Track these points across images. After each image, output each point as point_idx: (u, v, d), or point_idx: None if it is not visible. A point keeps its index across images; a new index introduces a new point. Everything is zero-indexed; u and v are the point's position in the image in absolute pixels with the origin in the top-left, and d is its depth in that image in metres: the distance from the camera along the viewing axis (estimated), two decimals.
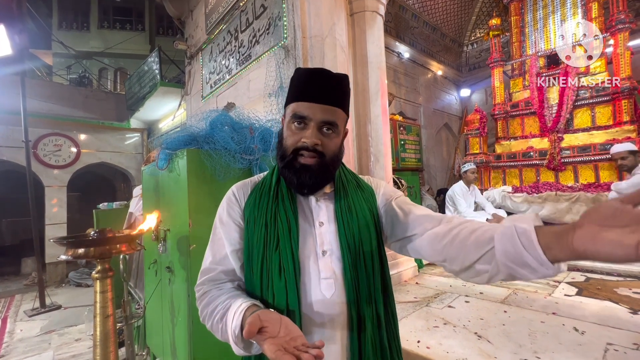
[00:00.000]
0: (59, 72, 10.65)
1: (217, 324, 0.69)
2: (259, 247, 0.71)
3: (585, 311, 2.08)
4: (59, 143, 6.55)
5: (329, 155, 0.71)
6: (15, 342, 3.45)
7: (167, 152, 1.78)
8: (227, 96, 3.93)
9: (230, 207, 0.77)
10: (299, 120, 0.70)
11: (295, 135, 0.70)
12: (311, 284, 0.70)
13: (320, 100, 0.69)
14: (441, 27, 7.76)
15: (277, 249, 0.69)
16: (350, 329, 0.69)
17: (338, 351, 0.69)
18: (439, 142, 7.71)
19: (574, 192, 4.13)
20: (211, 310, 0.71)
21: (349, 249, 0.71)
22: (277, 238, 0.70)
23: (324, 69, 0.73)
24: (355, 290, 0.70)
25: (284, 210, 0.72)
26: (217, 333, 0.70)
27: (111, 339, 1.43)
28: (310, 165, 0.69)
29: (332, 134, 0.71)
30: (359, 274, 0.71)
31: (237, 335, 0.63)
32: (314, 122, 0.69)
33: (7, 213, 8.34)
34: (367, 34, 2.89)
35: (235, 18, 3.78)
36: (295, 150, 0.70)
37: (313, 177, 0.70)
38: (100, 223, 3.45)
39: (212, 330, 0.72)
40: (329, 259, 0.71)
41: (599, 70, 4.62)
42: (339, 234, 0.72)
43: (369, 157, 2.76)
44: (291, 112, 0.71)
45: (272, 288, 0.69)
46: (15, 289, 5.82)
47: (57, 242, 1.36)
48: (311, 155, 0.69)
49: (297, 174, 0.70)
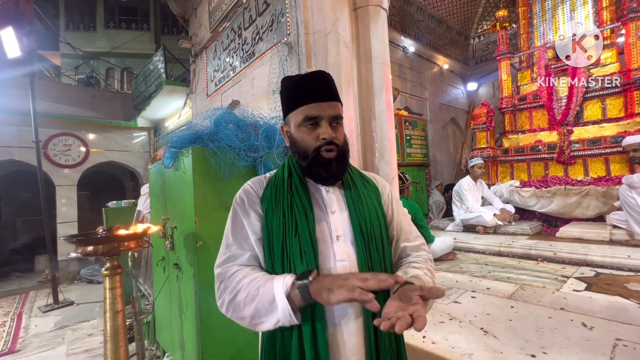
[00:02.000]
0: (67, 72, 10.79)
1: (256, 289, 0.69)
2: (279, 234, 0.75)
3: (594, 306, 2.05)
4: (69, 143, 6.65)
5: (342, 145, 0.80)
6: (30, 337, 3.55)
7: (172, 150, 1.80)
8: (232, 94, 3.94)
9: (250, 199, 0.82)
10: (311, 121, 0.78)
11: (311, 134, 0.78)
12: (328, 267, 0.75)
13: (324, 99, 0.78)
14: (447, 20, 7.64)
15: (297, 234, 0.74)
16: (365, 309, 0.73)
17: (354, 330, 0.74)
18: (445, 136, 7.63)
19: (583, 186, 4.06)
20: (249, 280, 0.71)
21: (361, 233, 0.78)
22: (295, 224, 0.75)
23: (315, 71, 0.82)
24: (369, 269, 0.76)
25: (299, 199, 0.78)
26: (250, 303, 0.69)
27: (121, 334, 1.46)
28: (332, 158, 0.77)
29: (339, 127, 0.81)
30: (372, 255, 0.77)
31: (288, 286, 0.66)
32: (325, 119, 0.77)
33: (21, 212, 8.54)
34: (370, 29, 2.86)
35: (239, 15, 3.78)
36: (317, 148, 0.77)
37: (338, 167, 0.79)
38: (109, 221, 3.51)
39: (244, 302, 0.70)
40: (343, 243, 0.77)
41: (610, 61, 4.51)
42: (351, 219, 0.79)
43: (373, 153, 2.74)
44: (302, 116, 0.78)
45: (294, 271, 0.72)
46: (29, 286, 5.98)
47: (66, 240, 1.39)
48: (331, 149, 0.77)
49: (325, 167, 0.78)
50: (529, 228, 4.09)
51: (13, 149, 6.06)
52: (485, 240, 3.90)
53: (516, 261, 3.26)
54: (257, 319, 0.69)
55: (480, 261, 3.33)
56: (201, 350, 1.57)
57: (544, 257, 3.25)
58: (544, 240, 3.70)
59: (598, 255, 3.00)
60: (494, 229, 4.27)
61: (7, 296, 5.40)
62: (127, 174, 8.73)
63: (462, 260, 3.40)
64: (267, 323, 0.68)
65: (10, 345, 3.32)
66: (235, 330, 1.65)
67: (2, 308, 4.75)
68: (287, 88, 0.83)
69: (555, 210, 4.24)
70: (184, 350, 1.75)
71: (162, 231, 1.92)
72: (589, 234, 3.60)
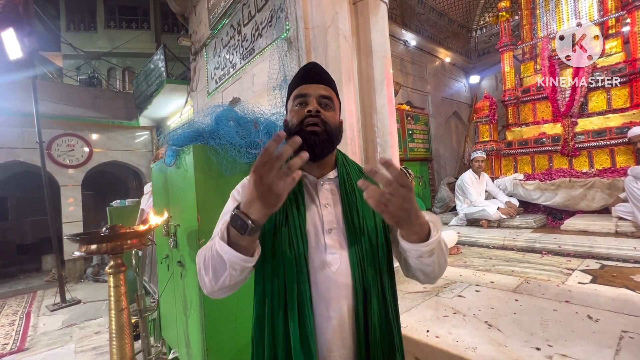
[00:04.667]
0: (69, 73, 10.83)
1: (208, 249, 0.68)
2: (270, 224, 0.75)
3: (599, 299, 2.04)
4: (72, 143, 6.70)
5: (331, 124, 0.79)
6: (39, 335, 3.60)
7: (174, 148, 1.80)
8: (232, 91, 3.93)
9: (244, 190, 0.82)
10: (301, 99, 0.80)
11: (299, 112, 0.79)
12: (319, 258, 0.75)
13: (315, 81, 0.82)
14: (448, 12, 7.55)
15: (287, 225, 0.75)
16: (356, 301, 0.74)
17: (345, 322, 0.74)
18: (448, 130, 7.57)
19: (588, 178, 4.02)
20: (207, 245, 0.71)
21: (353, 226, 0.77)
22: (285, 215, 0.76)
23: (313, 62, 0.87)
24: (360, 263, 0.75)
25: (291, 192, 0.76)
26: (208, 264, 0.67)
27: (126, 331, 1.48)
28: (317, 131, 0.76)
29: (329, 109, 0.81)
30: (364, 247, 0.76)
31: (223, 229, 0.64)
32: (313, 97, 0.79)
33: (28, 212, 8.64)
34: (370, 22, 2.84)
35: (238, 11, 3.76)
36: (301, 122, 0.77)
37: (321, 140, 0.77)
38: (114, 220, 3.54)
39: (204, 265, 0.69)
40: (335, 235, 0.77)
41: (615, 51, 4.44)
42: (344, 212, 0.79)
43: (375, 148, 2.73)
44: (293, 97, 0.82)
45: (282, 261, 0.73)
46: (37, 285, 6.06)
47: (70, 239, 1.40)
48: (315, 122, 0.76)
49: (306, 139, 0.75)
50: (533, 221, 4.06)
51: (18, 150, 6.11)
52: (489, 234, 3.88)
53: (520, 254, 3.24)
54: (219, 275, 0.66)
55: (484, 255, 3.32)
56: (206, 346, 1.58)
57: (548, 250, 3.23)
58: (548, 233, 3.67)
59: (604, 247, 2.98)
60: (498, 223, 4.25)
61: (16, 295, 5.48)
62: (130, 173, 8.78)
63: (465, 254, 3.39)
64: (227, 273, 0.65)
65: (19, 344, 3.37)
66: (239, 325, 1.66)
67: (11, 307, 4.82)
68: (290, 83, 0.87)
69: (559, 202, 4.20)
70: (189, 346, 1.77)
71: (166, 229, 1.93)
72: (595, 226, 3.57)
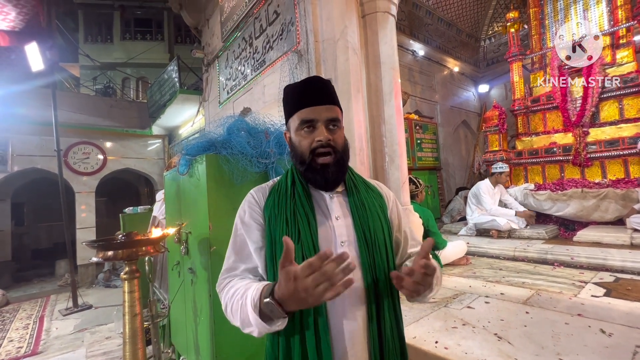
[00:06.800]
0: (85, 83, 11.20)
1: (237, 302, 0.69)
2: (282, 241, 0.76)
3: (613, 312, 1.99)
4: (87, 151, 6.90)
5: (340, 148, 0.79)
6: (51, 339, 3.67)
7: (187, 157, 1.86)
8: (243, 101, 4.02)
9: (251, 209, 0.82)
10: (307, 124, 0.77)
11: (307, 138, 0.77)
12: None
13: (320, 102, 0.78)
14: (457, 22, 7.60)
15: (299, 242, 0.75)
16: (370, 313, 0.75)
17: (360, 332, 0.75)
18: (457, 140, 7.54)
19: (601, 188, 3.95)
20: (233, 292, 0.72)
21: (365, 238, 0.78)
22: (297, 231, 0.75)
23: (312, 76, 0.83)
24: (373, 275, 0.76)
25: (302, 207, 0.78)
26: (236, 315, 0.69)
27: (139, 336, 1.51)
28: (328, 163, 0.76)
29: (337, 129, 0.80)
30: (376, 260, 0.78)
31: (256, 301, 0.64)
32: (321, 122, 0.77)
33: (43, 218, 8.86)
34: (379, 35, 2.90)
35: (250, 25, 3.87)
36: (312, 151, 0.77)
37: (334, 172, 0.78)
38: (126, 227, 3.61)
39: (232, 314, 0.71)
40: (347, 248, 0.77)
41: (627, 60, 4.40)
42: (355, 225, 0.79)
43: (383, 158, 2.76)
44: (298, 120, 0.79)
45: None
46: (50, 290, 6.18)
47: (88, 245, 1.45)
48: (327, 152, 0.76)
49: (320, 173, 0.77)
50: (545, 232, 3.99)
51: (35, 157, 6.32)
52: (500, 244, 3.83)
53: (531, 266, 3.19)
54: (246, 328, 0.69)
55: (494, 266, 3.28)
56: (215, 353, 1.60)
57: (560, 261, 3.17)
58: (560, 244, 3.60)
59: (618, 259, 2.91)
60: (508, 233, 4.19)
61: (30, 300, 5.60)
62: (142, 181, 8.96)
63: (475, 265, 3.35)
64: (255, 332, 0.67)
65: (33, 347, 3.44)
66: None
67: (25, 311, 4.93)
68: (287, 95, 0.84)
69: (572, 213, 4.12)
70: (199, 353, 1.79)
71: (177, 236, 1.97)
72: (608, 238, 3.49)
